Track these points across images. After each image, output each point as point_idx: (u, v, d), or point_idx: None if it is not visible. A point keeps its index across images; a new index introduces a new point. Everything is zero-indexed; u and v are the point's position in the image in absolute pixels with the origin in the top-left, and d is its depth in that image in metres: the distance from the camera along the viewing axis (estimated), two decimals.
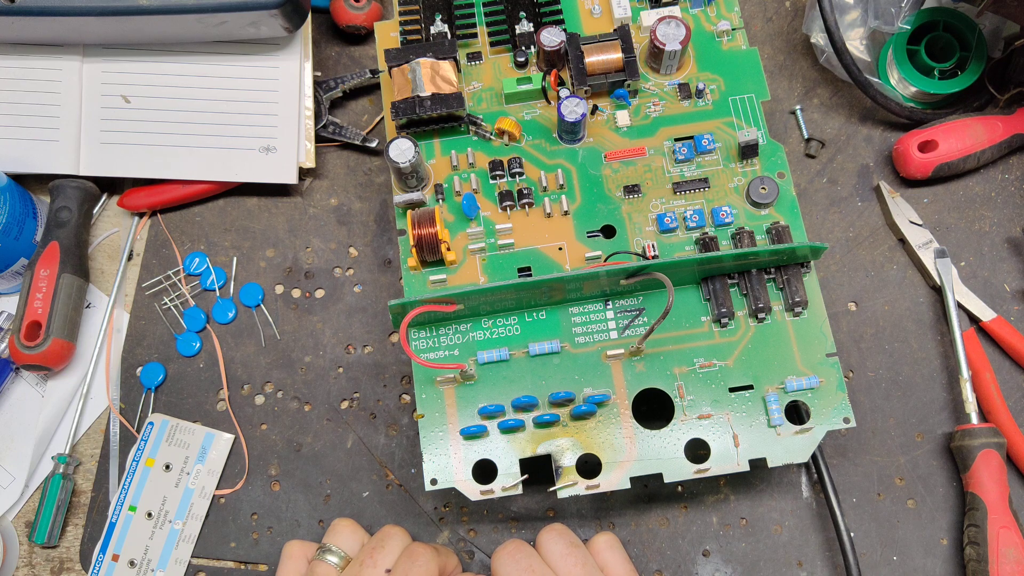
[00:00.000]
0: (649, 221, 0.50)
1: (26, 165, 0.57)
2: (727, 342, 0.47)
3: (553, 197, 0.50)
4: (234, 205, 0.59)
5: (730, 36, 0.53)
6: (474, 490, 0.45)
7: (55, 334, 0.54)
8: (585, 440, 0.46)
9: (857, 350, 0.54)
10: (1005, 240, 0.56)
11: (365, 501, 0.53)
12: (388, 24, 0.55)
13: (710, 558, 0.51)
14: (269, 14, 0.52)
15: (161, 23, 0.53)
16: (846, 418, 0.46)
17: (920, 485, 0.52)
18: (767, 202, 0.49)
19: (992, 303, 0.55)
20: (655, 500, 0.52)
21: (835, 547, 0.51)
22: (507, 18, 0.54)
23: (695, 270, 0.47)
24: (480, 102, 0.53)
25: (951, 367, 0.54)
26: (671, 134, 0.52)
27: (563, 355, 0.47)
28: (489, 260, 0.49)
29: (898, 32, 0.55)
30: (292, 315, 0.57)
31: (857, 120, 0.59)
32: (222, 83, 0.57)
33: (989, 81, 0.56)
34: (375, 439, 0.54)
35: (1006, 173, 0.57)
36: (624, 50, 0.51)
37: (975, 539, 0.49)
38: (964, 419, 0.51)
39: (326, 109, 0.59)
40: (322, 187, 0.59)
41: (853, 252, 0.56)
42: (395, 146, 0.48)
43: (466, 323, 0.48)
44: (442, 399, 0.47)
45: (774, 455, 0.45)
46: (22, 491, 0.55)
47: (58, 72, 0.57)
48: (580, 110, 0.49)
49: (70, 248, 0.56)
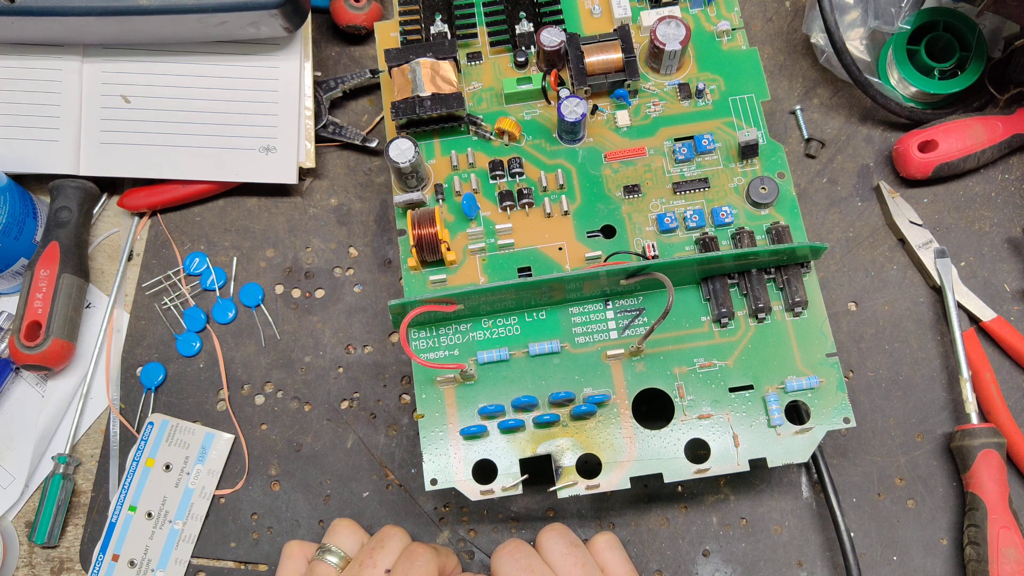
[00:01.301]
0: (649, 221, 0.50)
1: (26, 165, 0.57)
2: (727, 342, 0.47)
3: (553, 197, 0.50)
4: (234, 205, 0.59)
5: (730, 36, 0.53)
6: (474, 490, 0.45)
7: (55, 334, 0.54)
8: (585, 440, 0.46)
9: (857, 350, 0.54)
10: (1005, 240, 0.56)
11: (365, 501, 0.53)
12: (388, 24, 0.55)
13: (710, 558, 0.51)
14: (269, 14, 0.52)
15: (161, 23, 0.53)
16: (846, 418, 0.46)
17: (920, 485, 0.52)
18: (767, 202, 0.49)
19: (992, 303, 0.55)
20: (655, 500, 0.52)
21: (835, 547, 0.51)
22: (507, 18, 0.54)
23: (695, 270, 0.47)
24: (480, 102, 0.53)
25: (951, 367, 0.54)
26: (671, 134, 0.52)
27: (563, 355, 0.47)
28: (489, 260, 0.49)
29: (898, 32, 0.55)
30: (292, 315, 0.57)
31: (857, 120, 0.59)
32: (222, 83, 0.57)
33: (989, 81, 0.56)
34: (375, 439, 0.54)
35: (1006, 173, 0.57)
36: (624, 50, 0.51)
37: (975, 539, 0.49)
38: (964, 419, 0.51)
39: (326, 109, 0.59)
40: (322, 187, 0.59)
41: (853, 252, 0.56)
42: (395, 146, 0.48)
43: (466, 323, 0.48)
44: (442, 399, 0.47)
45: (774, 455, 0.45)
46: (22, 491, 0.55)
47: (58, 72, 0.57)
48: (580, 110, 0.49)
49: (70, 248, 0.56)
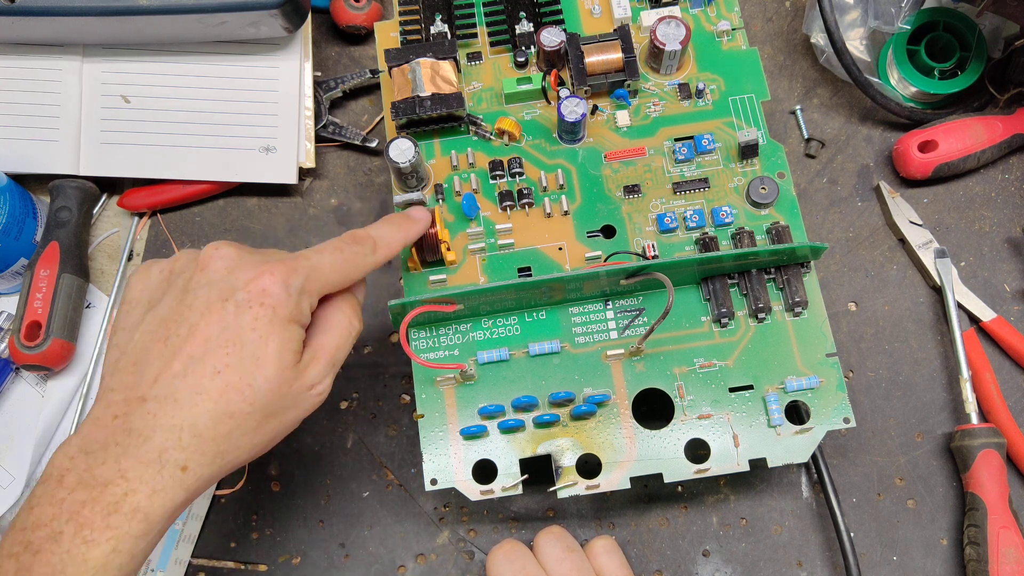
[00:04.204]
0: (649, 221, 0.50)
1: (26, 165, 0.57)
2: (727, 342, 0.47)
3: (553, 197, 0.50)
4: (234, 205, 0.59)
5: (730, 36, 0.53)
6: (474, 490, 0.45)
7: (55, 334, 0.54)
8: (585, 440, 0.46)
9: (857, 350, 0.54)
10: (1005, 240, 0.56)
11: (365, 501, 0.53)
12: (388, 24, 0.55)
13: (710, 558, 0.51)
14: (269, 14, 0.52)
15: (161, 23, 0.53)
16: (846, 418, 0.46)
17: (920, 485, 0.52)
18: (767, 202, 0.49)
19: (992, 303, 0.55)
20: (655, 500, 0.52)
21: (835, 547, 0.51)
22: (507, 18, 0.54)
23: (695, 270, 0.47)
24: (480, 102, 0.53)
25: (951, 367, 0.54)
26: (671, 134, 0.52)
27: (563, 355, 0.47)
28: (489, 260, 0.49)
29: (898, 32, 0.55)
30: None
31: (857, 120, 0.59)
32: (222, 83, 0.57)
33: (989, 81, 0.56)
34: (375, 439, 0.54)
35: (1006, 173, 0.57)
36: (624, 50, 0.51)
37: (975, 539, 0.49)
38: (964, 419, 0.51)
39: (326, 109, 0.59)
40: (322, 187, 0.59)
41: (853, 252, 0.56)
42: (395, 146, 0.48)
43: (466, 323, 0.48)
44: (442, 399, 0.47)
45: (774, 455, 0.45)
46: (22, 491, 0.55)
47: (58, 72, 0.57)
48: (580, 110, 0.49)
49: (70, 248, 0.56)
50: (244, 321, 0.37)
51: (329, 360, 0.40)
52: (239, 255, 0.39)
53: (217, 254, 0.39)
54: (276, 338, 0.37)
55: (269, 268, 0.38)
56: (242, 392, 0.37)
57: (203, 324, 0.37)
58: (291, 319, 0.38)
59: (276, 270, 0.38)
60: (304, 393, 0.39)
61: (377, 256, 0.43)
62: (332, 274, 0.40)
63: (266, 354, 0.37)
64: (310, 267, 0.39)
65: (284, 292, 0.38)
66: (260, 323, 0.37)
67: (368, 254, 0.42)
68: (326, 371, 0.40)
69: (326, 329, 0.41)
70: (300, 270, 0.39)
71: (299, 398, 0.39)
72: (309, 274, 0.39)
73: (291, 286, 0.38)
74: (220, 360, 0.37)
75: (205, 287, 0.38)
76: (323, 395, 0.41)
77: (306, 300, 0.39)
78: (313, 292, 0.40)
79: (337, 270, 0.41)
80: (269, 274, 0.38)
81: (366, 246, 0.42)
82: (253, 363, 0.37)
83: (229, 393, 0.36)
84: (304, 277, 0.39)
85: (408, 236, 0.45)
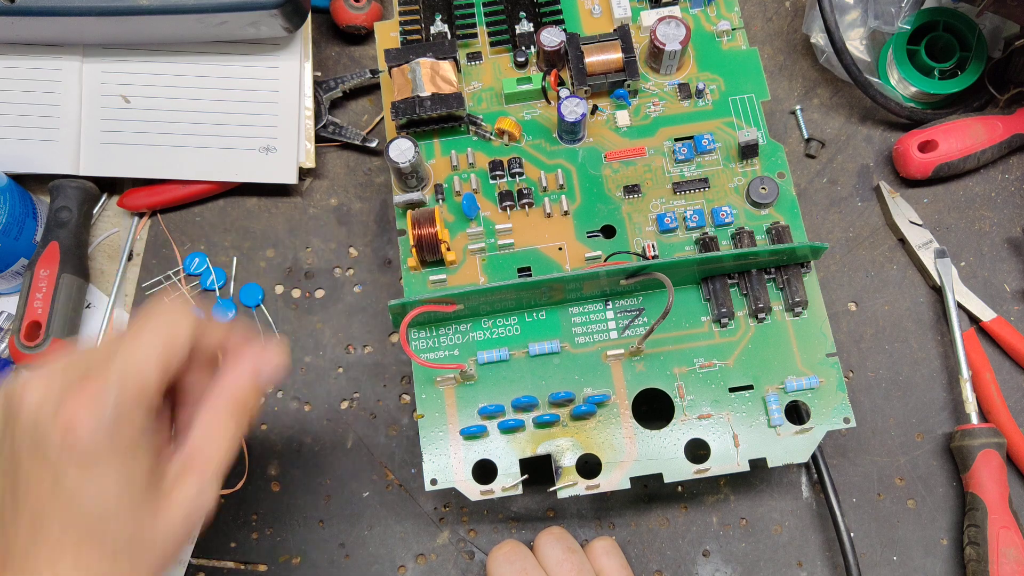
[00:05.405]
0: (649, 221, 0.50)
1: (26, 165, 0.57)
2: (727, 342, 0.47)
3: (553, 197, 0.50)
4: (234, 205, 0.59)
5: (730, 36, 0.53)
6: (474, 490, 0.45)
7: (55, 334, 0.54)
8: (585, 440, 0.46)
9: (857, 350, 0.54)
10: (1005, 240, 0.56)
11: (365, 501, 0.53)
12: (388, 24, 0.55)
13: (710, 558, 0.51)
14: (269, 14, 0.52)
15: (161, 23, 0.53)
16: (846, 418, 0.46)
17: (920, 485, 0.52)
18: (767, 202, 0.49)
19: (992, 303, 0.55)
20: (655, 500, 0.52)
21: (835, 547, 0.51)
22: (507, 18, 0.54)
23: (695, 270, 0.47)
24: (480, 102, 0.53)
25: (951, 367, 0.54)
26: (671, 134, 0.52)
27: (563, 355, 0.47)
28: (489, 260, 0.49)
29: (898, 32, 0.55)
30: (292, 315, 0.57)
31: (857, 120, 0.59)
32: (222, 83, 0.57)
33: (989, 81, 0.56)
34: (375, 439, 0.54)
35: (1006, 173, 0.57)
36: (624, 50, 0.51)
37: (975, 539, 0.49)
38: (964, 419, 0.51)
39: (326, 109, 0.59)
40: (322, 187, 0.59)
41: (853, 252, 0.56)
42: (395, 146, 0.48)
43: (466, 323, 0.48)
44: (442, 399, 0.47)
45: (774, 455, 0.45)
46: None
47: (58, 72, 0.57)
48: (580, 110, 0.49)
49: (70, 248, 0.56)
50: (67, 473, 0.32)
51: (201, 473, 0.35)
52: (47, 383, 0.33)
53: (23, 393, 0.33)
54: (109, 478, 0.32)
55: (72, 396, 0.32)
56: (100, 550, 0.32)
57: (31, 493, 0.32)
58: (115, 451, 0.32)
59: (79, 397, 0.32)
60: (178, 523, 0.34)
61: (191, 317, 0.36)
62: (152, 366, 0.33)
63: (105, 502, 0.32)
64: (121, 373, 0.33)
65: (93, 424, 0.32)
66: (83, 471, 0.32)
67: (183, 321, 0.35)
68: (201, 488, 0.34)
69: (196, 426, 0.35)
70: (109, 385, 0.32)
71: (172, 527, 0.34)
72: (122, 383, 0.33)
73: (101, 412, 0.32)
74: (62, 524, 0.32)
75: (17, 441, 0.33)
76: (205, 509, 0.35)
77: (134, 415, 0.33)
78: (135, 403, 0.33)
79: (155, 356, 0.34)
80: (74, 405, 0.32)
81: (177, 313, 0.35)
82: (98, 519, 0.32)
83: (86, 554, 0.32)
84: (117, 390, 0.32)
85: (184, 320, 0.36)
